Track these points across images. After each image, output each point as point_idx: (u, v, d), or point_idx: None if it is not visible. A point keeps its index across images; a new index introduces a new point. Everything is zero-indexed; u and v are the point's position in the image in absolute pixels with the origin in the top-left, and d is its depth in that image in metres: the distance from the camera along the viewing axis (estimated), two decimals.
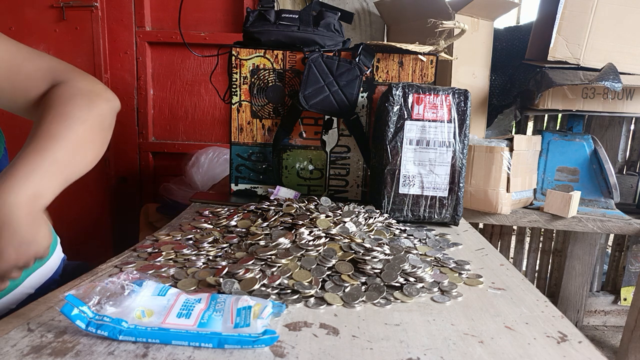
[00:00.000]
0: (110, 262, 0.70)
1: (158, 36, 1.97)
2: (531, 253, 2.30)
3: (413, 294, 0.61)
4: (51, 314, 0.52)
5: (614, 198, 1.72)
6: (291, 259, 0.68)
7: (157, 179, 2.08)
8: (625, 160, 2.09)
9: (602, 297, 2.25)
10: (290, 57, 1.08)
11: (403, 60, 1.08)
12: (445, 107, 0.93)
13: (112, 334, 0.46)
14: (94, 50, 1.92)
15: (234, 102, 1.10)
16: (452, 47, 1.67)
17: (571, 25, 1.57)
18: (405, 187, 0.95)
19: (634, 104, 1.71)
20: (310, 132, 1.11)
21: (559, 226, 1.64)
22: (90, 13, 1.89)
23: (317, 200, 0.99)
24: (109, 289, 0.52)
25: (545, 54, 1.60)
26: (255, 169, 1.13)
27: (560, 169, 1.77)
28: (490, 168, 1.55)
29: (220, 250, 0.73)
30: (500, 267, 0.75)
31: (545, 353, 0.48)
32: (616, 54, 1.59)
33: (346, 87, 1.04)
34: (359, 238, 0.75)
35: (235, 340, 0.46)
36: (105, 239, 2.08)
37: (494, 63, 1.81)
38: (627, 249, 2.20)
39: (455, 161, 0.94)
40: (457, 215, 0.96)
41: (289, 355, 0.46)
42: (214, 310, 0.51)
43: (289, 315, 0.55)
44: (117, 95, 0.78)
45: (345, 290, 0.61)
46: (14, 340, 0.47)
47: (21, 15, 1.89)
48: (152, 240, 0.80)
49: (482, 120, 1.83)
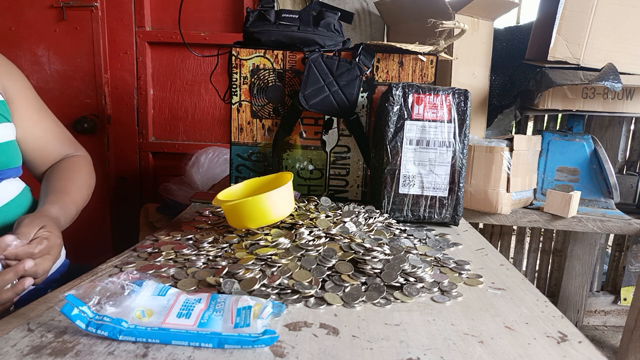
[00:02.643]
0: (110, 262, 0.70)
1: (158, 36, 1.97)
2: (531, 253, 2.30)
3: (413, 294, 0.61)
4: (51, 314, 0.52)
5: (614, 198, 1.72)
6: (291, 259, 0.68)
7: (157, 179, 2.08)
8: (625, 160, 2.09)
9: (602, 297, 2.25)
10: (290, 57, 1.08)
11: (403, 60, 1.08)
12: (445, 107, 0.93)
13: (112, 334, 0.46)
14: (94, 50, 1.92)
15: (234, 102, 1.10)
16: (452, 47, 1.67)
17: (571, 25, 1.57)
18: (405, 187, 0.95)
19: (634, 104, 1.71)
20: (310, 132, 1.11)
21: (559, 226, 1.64)
22: (90, 13, 1.89)
23: (317, 200, 0.99)
24: (109, 289, 0.52)
25: (545, 54, 1.60)
26: (255, 169, 1.13)
27: (560, 169, 1.77)
28: (490, 168, 1.55)
29: (220, 250, 0.73)
30: (500, 267, 0.75)
31: (545, 353, 0.48)
32: (616, 54, 1.59)
33: (346, 87, 1.04)
34: (359, 238, 0.75)
35: (235, 340, 0.46)
36: (105, 239, 2.08)
37: (494, 63, 1.81)
38: (627, 249, 2.20)
39: (455, 161, 0.94)
40: (457, 215, 0.96)
41: (289, 355, 0.46)
42: (214, 310, 0.51)
43: (289, 315, 0.55)
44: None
45: (345, 290, 0.61)
46: (14, 340, 0.47)
47: (21, 15, 1.89)
48: (152, 240, 0.80)
49: (482, 120, 1.83)
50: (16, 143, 0.87)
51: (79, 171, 0.95)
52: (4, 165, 0.81)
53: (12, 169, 0.84)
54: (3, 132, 0.82)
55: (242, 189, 0.90)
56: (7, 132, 0.83)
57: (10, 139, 0.84)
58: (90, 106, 1.93)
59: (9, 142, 0.83)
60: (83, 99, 1.92)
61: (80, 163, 0.97)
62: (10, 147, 0.83)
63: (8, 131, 0.84)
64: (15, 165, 0.85)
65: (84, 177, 0.95)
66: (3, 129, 0.82)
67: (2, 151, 0.80)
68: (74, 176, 0.93)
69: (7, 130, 0.83)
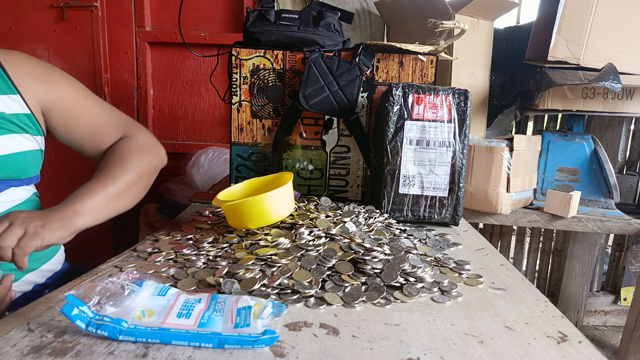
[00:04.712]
0: (110, 262, 0.70)
1: (158, 36, 1.97)
2: (531, 253, 2.30)
3: (413, 294, 0.61)
4: (51, 314, 0.52)
5: (614, 198, 1.72)
6: (291, 259, 0.68)
7: (157, 179, 2.07)
8: (625, 160, 2.09)
9: (602, 297, 2.25)
10: (290, 57, 1.08)
11: (403, 60, 1.08)
12: (445, 107, 0.93)
13: (112, 334, 0.46)
14: (94, 50, 1.92)
15: (234, 102, 1.10)
16: (452, 47, 1.67)
17: (571, 25, 1.57)
18: (405, 187, 0.95)
19: (634, 104, 1.71)
20: (310, 132, 1.11)
21: (559, 226, 1.64)
22: (90, 13, 1.89)
23: (317, 200, 0.99)
24: (109, 289, 0.52)
25: (545, 54, 1.60)
26: (255, 169, 1.13)
27: (560, 169, 1.77)
28: (490, 168, 1.55)
29: (220, 250, 0.73)
30: (500, 267, 0.75)
31: (545, 353, 0.48)
32: (616, 54, 1.59)
33: (346, 87, 1.04)
34: (359, 238, 0.75)
35: (235, 340, 0.46)
36: (105, 239, 2.08)
37: (494, 63, 1.81)
38: (627, 249, 2.20)
39: (455, 161, 0.94)
40: (457, 215, 0.96)
41: (289, 355, 0.46)
42: (214, 310, 0.51)
43: (289, 315, 0.55)
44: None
45: (345, 290, 0.61)
46: (14, 340, 0.47)
47: (21, 15, 1.89)
48: (152, 240, 0.80)
49: (482, 120, 1.83)
50: (34, 153, 0.85)
51: (121, 153, 0.89)
52: (15, 175, 0.81)
53: (24, 179, 0.84)
54: (19, 143, 0.81)
55: (242, 189, 0.90)
56: (22, 142, 0.82)
57: (24, 149, 0.82)
58: None
59: (22, 152, 0.81)
60: None
61: (124, 145, 0.91)
62: (21, 159, 0.81)
63: (26, 142, 0.82)
64: (25, 177, 0.84)
65: (125, 158, 0.88)
66: (20, 140, 0.81)
67: (12, 162, 0.80)
68: (110, 160, 0.87)
69: (24, 141, 0.82)
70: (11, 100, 0.81)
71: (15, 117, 0.81)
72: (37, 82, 0.86)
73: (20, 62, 0.86)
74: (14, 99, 0.81)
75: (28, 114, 0.83)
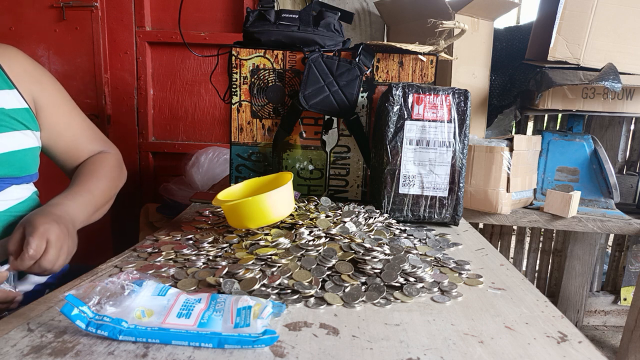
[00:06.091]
0: (110, 262, 0.70)
1: (158, 36, 1.97)
2: (531, 253, 2.30)
3: (413, 294, 0.61)
4: (51, 314, 0.52)
5: (614, 198, 1.72)
6: (291, 259, 0.68)
7: (157, 179, 2.08)
8: (625, 160, 2.09)
9: (602, 297, 2.25)
10: (290, 57, 1.08)
11: (403, 60, 1.08)
12: (445, 107, 0.93)
13: (112, 334, 0.46)
14: (94, 50, 1.92)
15: (234, 102, 1.10)
16: (452, 47, 1.67)
17: (571, 25, 1.57)
18: (405, 187, 0.95)
19: (634, 104, 1.71)
20: (310, 132, 1.11)
21: (559, 226, 1.64)
22: (90, 13, 1.89)
23: (317, 200, 0.99)
24: (109, 289, 0.52)
25: (545, 54, 1.60)
26: (255, 169, 1.13)
27: (560, 169, 1.77)
28: (490, 168, 1.55)
29: (220, 250, 0.73)
30: (500, 267, 0.75)
31: (545, 353, 0.48)
32: (616, 54, 1.59)
33: (346, 87, 1.04)
34: (359, 238, 0.75)
35: (235, 340, 0.46)
36: (105, 239, 2.08)
37: (494, 63, 1.81)
38: (627, 249, 2.20)
39: (455, 161, 0.94)
40: (457, 215, 0.96)
41: (289, 355, 0.46)
42: (214, 310, 0.51)
43: (289, 315, 0.55)
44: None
45: (345, 290, 0.61)
46: (14, 340, 0.47)
47: (21, 15, 1.89)
48: (152, 240, 0.80)
49: (482, 120, 1.83)
50: (34, 150, 0.85)
51: (103, 167, 0.95)
52: (16, 173, 0.81)
53: (24, 176, 0.84)
54: (20, 140, 0.81)
55: (242, 189, 0.90)
56: (23, 140, 0.82)
57: (24, 147, 0.82)
58: (90, 106, 1.93)
59: (23, 150, 0.82)
60: (83, 99, 1.92)
61: (106, 159, 0.97)
62: (22, 156, 0.81)
63: (26, 139, 0.83)
64: (25, 174, 0.84)
65: (108, 172, 0.95)
66: (20, 137, 0.81)
67: (13, 159, 0.79)
68: (95, 170, 0.92)
69: (25, 138, 0.82)
70: (9, 95, 0.81)
71: (14, 112, 0.80)
72: (30, 80, 0.86)
73: (14, 57, 0.86)
74: (11, 94, 0.81)
75: (26, 108, 0.83)
